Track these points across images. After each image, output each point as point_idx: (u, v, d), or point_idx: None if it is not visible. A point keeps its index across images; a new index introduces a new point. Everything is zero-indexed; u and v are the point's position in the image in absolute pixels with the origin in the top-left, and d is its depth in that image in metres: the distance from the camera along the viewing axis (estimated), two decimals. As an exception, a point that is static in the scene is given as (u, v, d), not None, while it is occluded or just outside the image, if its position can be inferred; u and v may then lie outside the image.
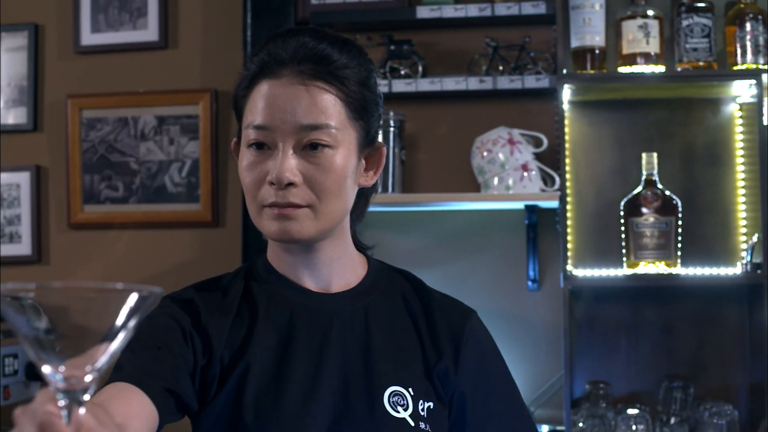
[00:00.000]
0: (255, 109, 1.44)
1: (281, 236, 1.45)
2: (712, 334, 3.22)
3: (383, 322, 1.53)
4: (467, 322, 1.57)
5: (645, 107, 3.29)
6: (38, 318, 0.83)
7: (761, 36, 3.06)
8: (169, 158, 3.49)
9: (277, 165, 1.41)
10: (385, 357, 1.50)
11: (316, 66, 1.43)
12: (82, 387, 0.86)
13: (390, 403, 1.45)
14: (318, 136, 1.42)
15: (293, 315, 1.50)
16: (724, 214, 3.25)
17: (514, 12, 3.23)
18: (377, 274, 1.59)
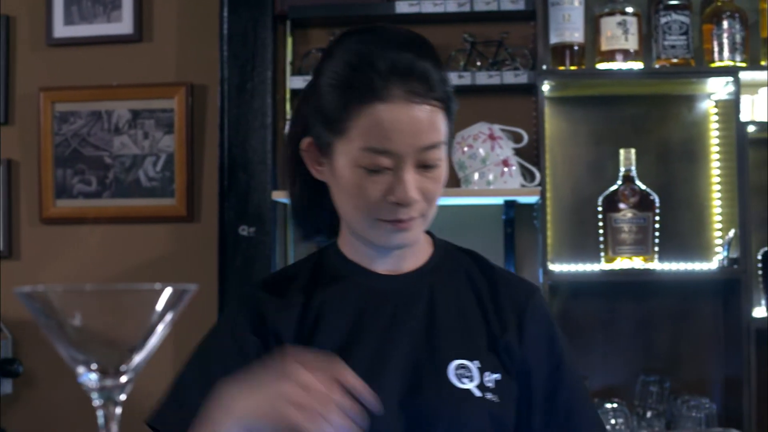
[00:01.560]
0: (372, 133, 1.45)
1: (394, 246, 1.54)
2: (688, 328, 3.24)
3: (448, 299, 1.59)
4: (531, 298, 1.62)
5: (622, 103, 3.32)
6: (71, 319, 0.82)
7: (738, 34, 3.09)
8: (143, 152, 3.45)
9: (404, 187, 1.46)
10: (450, 332, 1.55)
11: (421, 84, 1.45)
12: (118, 387, 0.84)
13: (455, 375, 1.51)
14: (435, 154, 1.47)
15: (360, 298, 1.56)
16: (700, 210, 3.28)
17: (493, 8, 3.24)
18: (442, 253, 1.64)
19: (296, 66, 3.38)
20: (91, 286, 0.81)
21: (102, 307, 0.82)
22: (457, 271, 1.62)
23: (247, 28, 3.33)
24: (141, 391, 3.44)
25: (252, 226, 3.28)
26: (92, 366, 0.84)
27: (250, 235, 3.28)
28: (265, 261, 3.27)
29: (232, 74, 3.31)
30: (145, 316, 0.83)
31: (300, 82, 3.30)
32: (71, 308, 0.82)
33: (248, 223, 3.29)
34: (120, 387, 0.84)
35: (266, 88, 3.32)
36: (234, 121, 3.30)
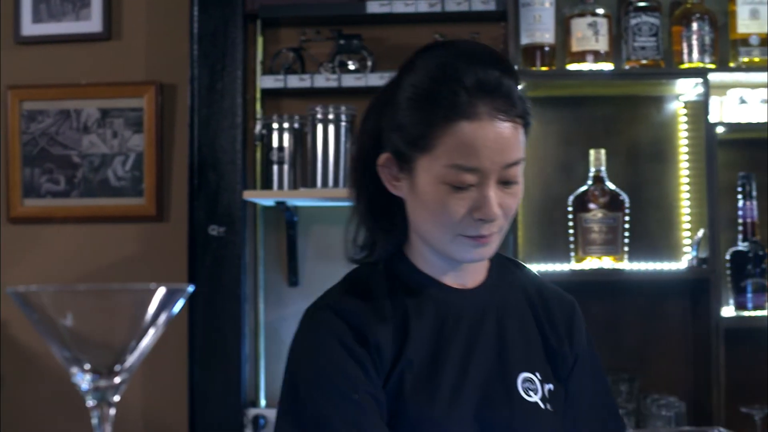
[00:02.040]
0: (461, 150, 1.47)
1: (474, 259, 1.57)
2: (657, 327, 3.27)
3: (511, 313, 1.63)
4: (575, 309, 1.69)
5: (591, 104, 3.34)
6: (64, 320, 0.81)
7: (707, 35, 3.11)
8: (112, 151, 3.43)
9: (488, 204, 1.48)
10: (515, 345, 1.59)
11: (505, 101, 1.48)
12: (112, 387, 0.84)
13: (523, 388, 1.56)
14: (515, 171, 1.50)
15: (438, 311, 1.57)
16: (668, 210, 3.31)
17: (464, 8, 3.25)
18: (500, 267, 1.67)
19: (267, 65, 3.37)
20: (84, 287, 0.81)
21: (95, 308, 0.82)
22: (514, 285, 1.66)
23: (217, 27, 3.32)
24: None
25: (222, 226, 3.27)
26: (85, 366, 0.83)
27: (219, 234, 3.27)
28: (235, 261, 3.26)
29: (202, 73, 3.30)
30: (139, 317, 0.83)
31: (271, 81, 3.29)
32: (64, 308, 0.81)
33: (218, 223, 3.27)
34: (114, 388, 0.84)
35: (236, 87, 3.31)
36: (204, 120, 3.29)
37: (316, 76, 3.26)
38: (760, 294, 3.07)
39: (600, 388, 1.69)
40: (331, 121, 3.15)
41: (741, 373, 3.13)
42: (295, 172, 3.24)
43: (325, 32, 3.31)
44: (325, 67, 3.29)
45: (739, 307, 3.09)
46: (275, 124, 3.25)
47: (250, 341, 3.33)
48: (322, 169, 3.15)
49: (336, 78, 3.24)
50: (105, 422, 0.84)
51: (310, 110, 3.18)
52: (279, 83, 3.28)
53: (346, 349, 1.49)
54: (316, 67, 3.32)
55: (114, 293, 0.83)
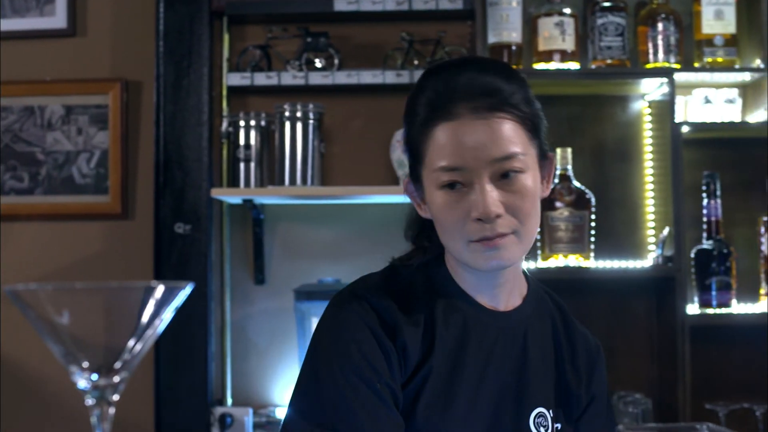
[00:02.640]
0: (442, 152, 1.48)
1: (492, 267, 1.51)
2: (622, 325, 3.29)
3: (537, 344, 1.60)
4: (598, 354, 1.67)
5: (557, 104, 3.35)
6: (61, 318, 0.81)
7: (672, 36, 3.14)
8: (77, 149, 3.40)
9: (481, 201, 1.45)
10: (536, 378, 1.58)
11: (488, 99, 1.47)
12: (111, 386, 0.83)
13: (535, 423, 1.55)
14: (510, 164, 1.46)
15: (467, 326, 1.55)
16: (633, 209, 3.33)
17: (431, 7, 3.25)
18: (536, 296, 1.65)
19: (233, 63, 3.36)
20: (81, 284, 0.80)
21: (92, 306, 0.81)
22: (545, 318, 1.64)
23: (183, 24, 3.30)
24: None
25: (188, 224, 3.25)
26: (84, 365, 0.82)
27: (185, 232, 3.25)
28: (201, 259, 3.25)
29: (168, 70, 3.28)
30: (137, 315, 0.82)
31: (237, 79, 3.28)
32: (61, 306, 0.80)
33: (184, 221, 3.26)
34: (113, 386, 0.83)
35: (203, 84, 3.29)
36: (170, 117, 3.27)
37: (283, 74, 3.25)
38: (725, 292, 3.10)
39: None
40: (299, 119, 3.14)
41: (705, 370, 3.16)
42: (261, 170, 3.23)
43: (292, 30, 3.31)
44: (292, 64, 3.28)
45: (704, 304, 3.12)
46: (242, 122, 3.24)
47: (216, 339, 3.32)
48: (290, 167, 3.14)
49: (303, 76, 3.24)
50: (104, 421, 0.84)
51: (278, 108, 3.17)
52: (246, 81, 3.27)
53: (376, 338, 1.49)
54: (282, 65, 3.31)
55: (112, 291, 0.82)
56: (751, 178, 3.30)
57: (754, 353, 3.23)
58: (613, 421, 1.70)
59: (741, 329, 3.20)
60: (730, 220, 3.25)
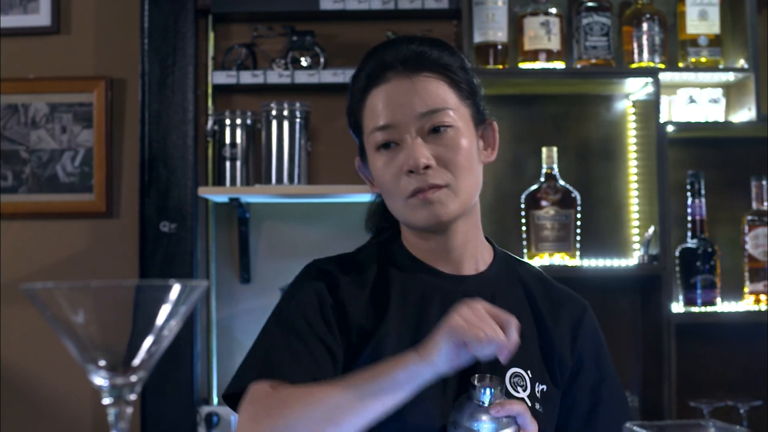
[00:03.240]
0: (374, 114, 1.57)
1: (430, 221, 1.55)
2: (606, 323, 3.29)
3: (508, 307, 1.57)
4: (585, 314, 1.69)
5: (542, 103, 3.37)
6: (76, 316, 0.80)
7: (657, 36, 3.16)
8: (61, 147, 3.38)
9: (410, 153, 1.52)
10: None
11: (415, 62, 1.56)
12: (128, 385, 0.83)
13: (511, 383, 1.56)
14: (439, 118, 1.53)
15: (425, 295, 1.60)
16: (617, 208, 3.35)
17: (417, 6, 3.26)
18: (502, 262, 1.69)
19: (218, 61, 3.35)
20: (96, 283, 0.80)
21: (108, 304, 0.81)
22: (515, 281, 1.67)
23: (168, 22, 3.28)
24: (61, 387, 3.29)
25: (173, 222, 3.25)
26: (101, 363, 0.82)
27: (171, 231, 3.24)
28: (187, 257, 3.24)
29: (153, 68, 3.27)
30: (153, 314, 0.82)
31: (223, 77, 3.27)
32: (77, 305, 0.80)
33: (169, 219, 3.25)
34: (130, 386, 0.83)
35: (188, 82, 3.28)
36: (155, 115, 3.26)
37: (269, 72, 3.25)
38: (709, 290, 3.12)
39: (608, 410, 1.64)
40: (286, 118, 3.14)
41: (690, 368, 3.18)
42: (247, 169, 3.23)
43: (278, 28, 3.30)
44: (278, 63, 3.27)
45: (689, 303, 3.14)
46: (227, 120, 3.23)
47: (202, 338, 3.31)
48: (276, 166, 3.14)
49: (289, 74, 3.23)
50: (122, 420, 0.84)
51: (264, 106, 3.17)
52: (232, 79, 3.26)
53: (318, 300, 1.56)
54: (267, 64, 3.31)
55: (128, 290, 0.82)
56: (734, 178, 3.32)
57: (738, 351, 3.26)
58: (620, 410, 1.65)
59: (725, 327, 3.22)
60: (713, 218, 3.27)
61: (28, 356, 3.32)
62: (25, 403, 3.33)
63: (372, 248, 1.68)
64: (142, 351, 0.83)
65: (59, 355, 3.30)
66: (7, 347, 3.32)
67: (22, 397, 3.33)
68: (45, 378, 3.32)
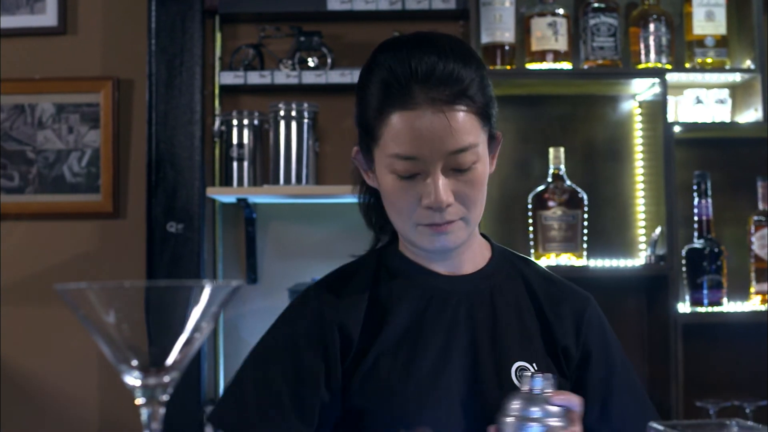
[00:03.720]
0: (397, 140, 1.48)
1: (437, 249, 1.55)
2: (612, 324, 3.30)
3: (508, 302, 1.62)
4: (587, 306, 1.66)
5: (548, 103, 3.37)
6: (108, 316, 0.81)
7: (664, 36, 3.16)
8: (68, 147, 3.39)
9: (434, 191, 1.47)
10: (511, 334, 1.59)
11: (447, 89, 1.46)
12: (161, 386, 0.83)
13: (517, 376, 1.54)
14: (465, 158, 1.48)
15: (424, 297, 1.59)
16: (624, 208, 3.36)
17: (424, 7, 3.26)
18: (500, 258, 1.67)
19: (225, 62, 3.36)
20: (129, 283, 0.80)
21: (140, 304, 0.81)
22: (515, 276, 1.66)
23: (175, 22, 3.29)
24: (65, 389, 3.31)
25: (180, 223, 3.25)
26: (133, 363, 0.82)
27: (178, 231, 3.24)
28: (194, 258, 3.24)
29: (160, 69, 3.27)
30: (186, 314, 0.82)
31: (230, 77, 3.27)
32: (109, 305, 0.80)
33: (176, 220, 3.25)
34: (163, 386, 0.83)
35: (195, 83, 3.28)
36: (162, 116, 3.26)
37: (276, 73, 3.25)
38: (716, 290, 3.13)
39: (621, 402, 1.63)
40: (294, 118, 3.14)
41: (696, 368, 3.19)
42: (255, 169, 3.23)
43: (285, 29, 3.31)
44: (285, 63, 3.28)
45: (695, 303, 3.15)
46: (235, 121, 3.23)
47: (209, 339, 3.31)
48: (284, 166, 3.14)
49: (296, 75, 3.24)
50: (155, 421, 0.84)
51: (272, 107, 3.17)
52: (239, 79, 3.27)
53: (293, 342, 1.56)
54: (275, 64, 3.31)
55: (160, 290, 0.82)
56: (740, 178, 3.33)
57: (743, 351, 3.27)
58: (634, 401, 1.65)
59: (731, 327, 3.23)
60: (719, 219, 3.28)
61: (29, 356, 3.32)
62: (26, 404, 3.33)
63: (370, 258, 1.66)
64: (175, 351, 0.83)
65: (62, 355, 3.31)
66: (11, 347, 3.32)
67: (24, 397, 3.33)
68: (47, 378, 3.32)
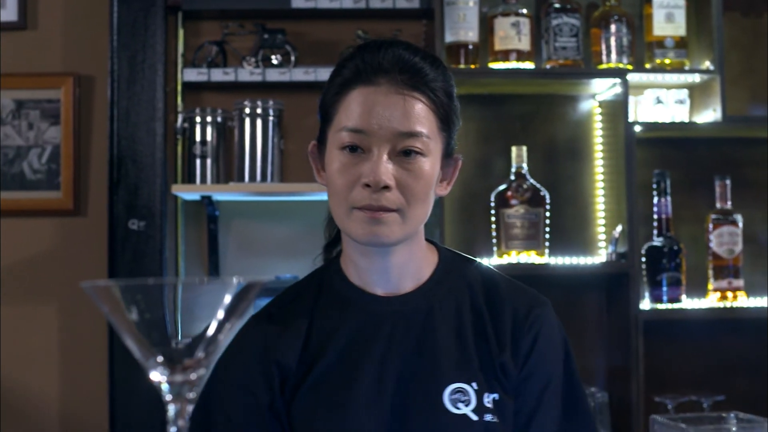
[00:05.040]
0: (351, 114, 1.50)
1: (370, 240, 1.50)
2: (572, 320, 3.35)
3: (447, 319, 1.57)
4: (532, 311, 1.58)
5: (509, 102, 3.40)
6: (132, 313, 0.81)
7: (625, 37, 3.21)
8: (28, 144, 3.35)
9: (374, 168, 1.47)
10: (447, 355, 1.54)
11: (412, 77, 1.49)
12: (188, 383, 0.83)
13: (450, 400, 1.51)
14: (413, 143, 1.48)
15: (360, 322, 1.57)
16: (584, 207, 3.40)
17: (388, 5, 3.27)
18: (446, 267, 1.62)
19: (188, 58, 3.34)
20: (153, 280, 0.81)
21: (166, 301, 0.82)
22: (460, 287, 1.60)
23: (137, 19, 3.27)
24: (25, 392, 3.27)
25: (142, 220, 3.23)
26: (158, 359, 0.82)
27: (140, 229, 3.22)
28: (156, 256, 3.23)
29: (122, 65, 3.25)
30: (212, 310, 0.82)
31: (194, 74, 3.26)
32: (133, 302, 0.81)
33: (138, 217, 3.23)
34: (189, 383, 0.83)
35: (157, 80, 3.27)
36: (124, 113, 3.24)
37: (240, 70, 3.25)
38: (675, 288, 3.18)
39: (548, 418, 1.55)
40: (259, 116, 3.14)
41: (654, 364, 3.24)
42: (218, 167, 3.22)
43: (249, 26, 3.30)
44: (248, 61, 3.27)
45: (655, 300, 3.19)
46: (198, 118, 3.22)
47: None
48: (249, 164, 3.14)
49: (260, 72, 3.23)
50: (181, 418, 0.84)
51: (237, 104, 3.17)
52: (203, 76, 3.26)
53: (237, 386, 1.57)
54: (238, 61, 3.31)
55: (186, 286, 0.83)
56: (698, 177, 3.39)
57: (701, 347, 3.33)
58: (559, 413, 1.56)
59: (689, 324, 3.28)
60: (677, 217, 3.33)
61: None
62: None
63: (311, 282, 1.64)
64: (201, 348, 0.83)
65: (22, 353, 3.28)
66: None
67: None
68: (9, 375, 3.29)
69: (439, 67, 1.55)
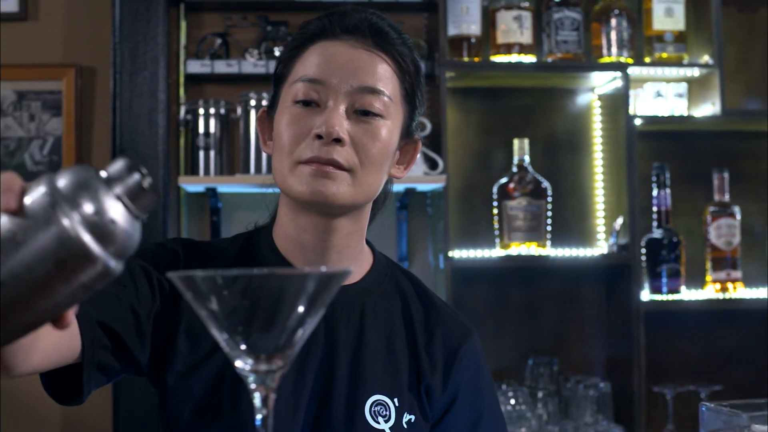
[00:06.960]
0: (309, 64, 1.38)
1: (313, 196, 1.34)
2: (573, 311, 3.38)
3: (379, 325, 1.46)
4: (465, 342, 1.49)
5: (510, 95, 3.43)
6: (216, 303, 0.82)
7: (625, 31, 3.24)
8: (29, 135, 3.35)
9: (327, 118, 1.34)
10: (374, 362, 1.43)
11: (381, 39, 1.39)
12: (272, 372, 0.85)
13: (371, 413, 1.40)
14: (372, 101, 1.37)
15: None
16: (583, 199, 3.43)
17: (391, -2, 3.29)
18: (381, 271, 1.51)
19: (190, 50, 3.35)
20: (236, 271, 0.82)
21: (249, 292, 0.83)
22: (393, 295, 1.49)
23: (139, 10, 3.26)
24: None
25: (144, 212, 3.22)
26: (242, 347, 0.83)
27: (142, 221, 3.22)
28: (159, 247, 3.22)
29: (124, 57, 3.25)
30: (296, 301, 0.83)
31: (197, 66, 3.27)
32: (216, 293, 0.82)
33: (140, 209, 3.23)
34: (273, 372, 0.84)
35: (159, 71, 3.27)
36: (126, 104, 3.24)
37: (243, 62, 3.26)
38: (675, 279, 3.22)
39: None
40: (264, 108, 3.15)
41: (653, 354, 3.28)
42: (221, 159, 3.23)
43: (251, 18, 3.31)
44: (251, 53, 3.28)
45: (655, 291, 3.23)
46: (201, 110, 3.23)
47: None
48: (255, 156, 3.15)
49: (264, 64, 3.24)
50: (267, 407, 0.85)
51: (243, 96, 3.18)
52: (206, 68, 3.26)
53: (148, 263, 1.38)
54: (240, 53, 3.32)
55: (267, 277, 0.83)
56: (696, 170, 3.43)
57: (699, 337, 3.37)
58: None
59: (687, 315, 3.33)
60: (675, 209, 3.37)
61: None
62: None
63: (235, 242, 1.49)
64: (284, 338, 0.84)
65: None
66: None
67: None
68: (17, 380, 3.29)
69: (408, 42, 1.44)
